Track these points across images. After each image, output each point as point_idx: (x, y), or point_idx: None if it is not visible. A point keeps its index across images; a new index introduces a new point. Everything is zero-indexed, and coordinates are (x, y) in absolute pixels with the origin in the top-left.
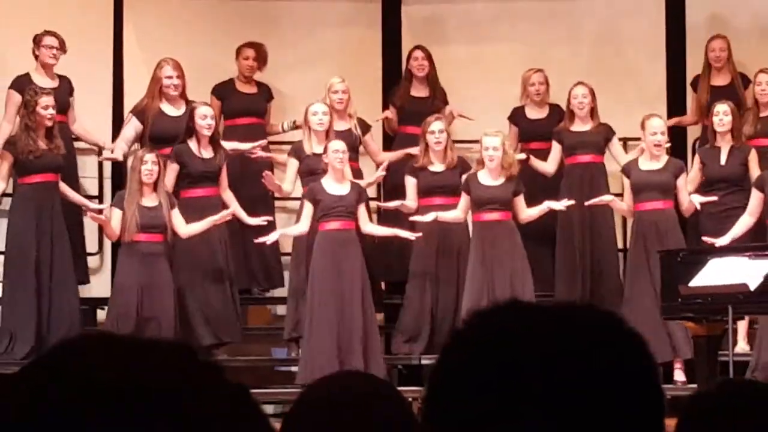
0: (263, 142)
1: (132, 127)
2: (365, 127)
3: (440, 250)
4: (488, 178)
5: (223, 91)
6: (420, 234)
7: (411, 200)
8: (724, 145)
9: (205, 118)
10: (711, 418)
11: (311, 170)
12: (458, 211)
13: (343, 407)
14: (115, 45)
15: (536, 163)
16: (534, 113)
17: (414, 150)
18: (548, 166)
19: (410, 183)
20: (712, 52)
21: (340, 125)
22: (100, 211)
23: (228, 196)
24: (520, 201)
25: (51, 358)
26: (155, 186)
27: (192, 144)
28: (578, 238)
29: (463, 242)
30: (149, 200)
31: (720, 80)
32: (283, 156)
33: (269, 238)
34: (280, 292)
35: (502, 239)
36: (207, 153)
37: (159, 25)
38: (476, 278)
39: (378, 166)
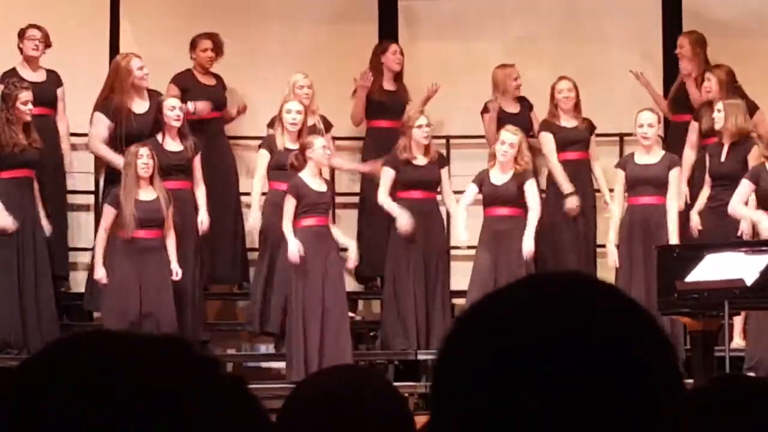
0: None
1: (104, 126)
2: (327, 125)
3: (415, 242)
4: (499, 175)
5: (183, 81)
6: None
7: (385, 194)
8: (727, 142)
9: (173, 109)
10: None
11: (281, 165)
12: (466, 200)
13: (340, 402)
14: (111, 41)
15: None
16: (510, 107)
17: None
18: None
19: (388, 174)
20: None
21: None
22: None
23: (201, 192)
24: (531, 188)
25: (50, 355)
26: (151, 180)
27: (160, 137)
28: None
29: (436, 231)
30: (146, 194)
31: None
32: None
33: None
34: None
35: (510, 233)
36: (176, 145)
37: (155, 22)
38: (483, 270)
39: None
